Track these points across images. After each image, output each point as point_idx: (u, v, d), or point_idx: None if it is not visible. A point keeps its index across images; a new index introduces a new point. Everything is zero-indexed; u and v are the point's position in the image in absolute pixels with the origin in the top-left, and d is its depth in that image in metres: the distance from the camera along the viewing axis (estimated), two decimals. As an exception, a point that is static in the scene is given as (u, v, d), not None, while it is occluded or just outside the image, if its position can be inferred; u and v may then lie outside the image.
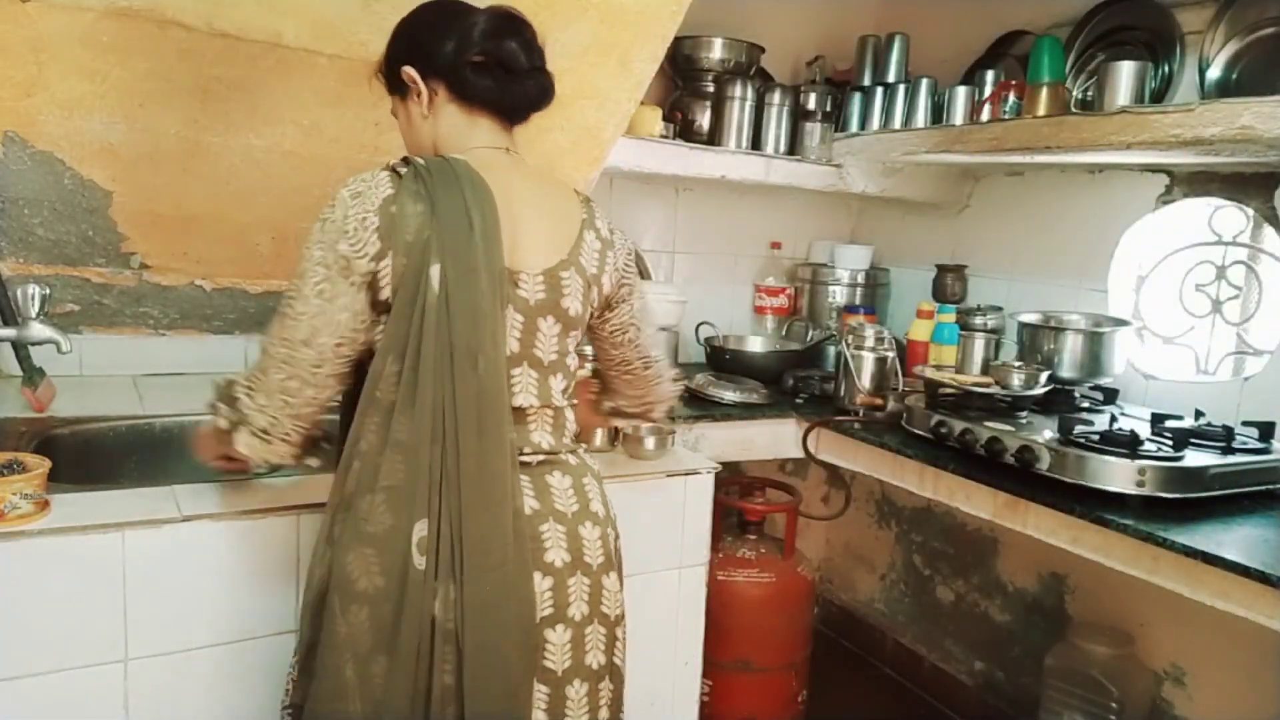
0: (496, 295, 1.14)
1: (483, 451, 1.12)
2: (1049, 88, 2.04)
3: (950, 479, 1.90)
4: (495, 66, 1.21)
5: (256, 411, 1.14)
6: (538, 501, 1.20)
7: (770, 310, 2.91)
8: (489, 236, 1.14)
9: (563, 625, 1.20)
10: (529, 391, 1.22)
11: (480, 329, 1.12)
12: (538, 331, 1.21)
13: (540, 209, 1.24)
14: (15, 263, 1.83)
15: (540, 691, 1.18)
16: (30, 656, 1.19)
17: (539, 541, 1.18)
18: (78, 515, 1.24)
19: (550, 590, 1.19)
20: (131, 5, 1.49)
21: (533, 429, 1.23)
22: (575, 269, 1.24)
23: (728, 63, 2.57)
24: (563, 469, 1.25)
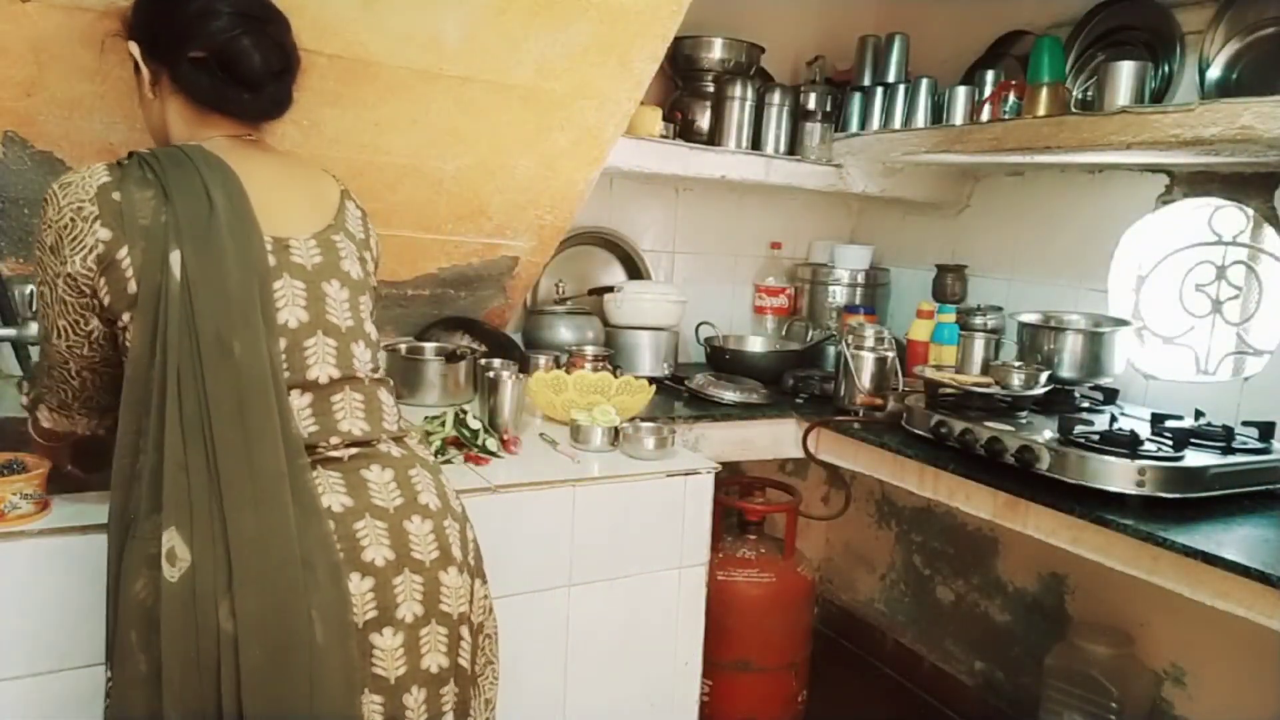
0: (251, 273, 1.07)
1: (247, 444, 1.02)
2: (1049, 88, 2.04)
3: (950, 479, 1.90)
4: (217, 67, 1.13)
5: (47, 392, 1.19)
6: (350, 498, 1.10)
7: (770, 310, 2.92)
8: (236, 212, 1.07)
9: (391, 628, 1.09)
10: (327, 361, 1.13)
11: (230, 312, 1.04)
12: (325, 297, 1.14)
13: (293, 182, 1.21)
14: (15, 263, 1.83)
15: (374, 701, 1.07)
16: (30, 656, 1.19)
17: (354, 540, 1.08)
18: (78, 515, 1.24)
19: (372, 591, 1.08)
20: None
21: (339, 414, 1.13)
22: (344, 233, 1.20)
23: (728, 63, 2.58)
24: (382, 462, 1.15)
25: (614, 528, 1.64)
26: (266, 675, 1.00)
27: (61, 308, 1.08)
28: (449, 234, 2.11)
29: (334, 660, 1.03)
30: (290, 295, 1.12)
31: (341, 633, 1.05)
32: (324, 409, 1.13)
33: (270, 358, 1.06)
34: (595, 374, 2.09)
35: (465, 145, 1.91)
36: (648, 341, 2.49)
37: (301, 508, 1.05)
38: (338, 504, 1.09)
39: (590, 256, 2.70)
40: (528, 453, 1.74)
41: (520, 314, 2.55)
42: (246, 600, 0.99)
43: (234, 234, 1.07)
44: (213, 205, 1.06)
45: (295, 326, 1.12)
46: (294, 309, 1.12)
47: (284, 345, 1.10)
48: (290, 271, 1.12)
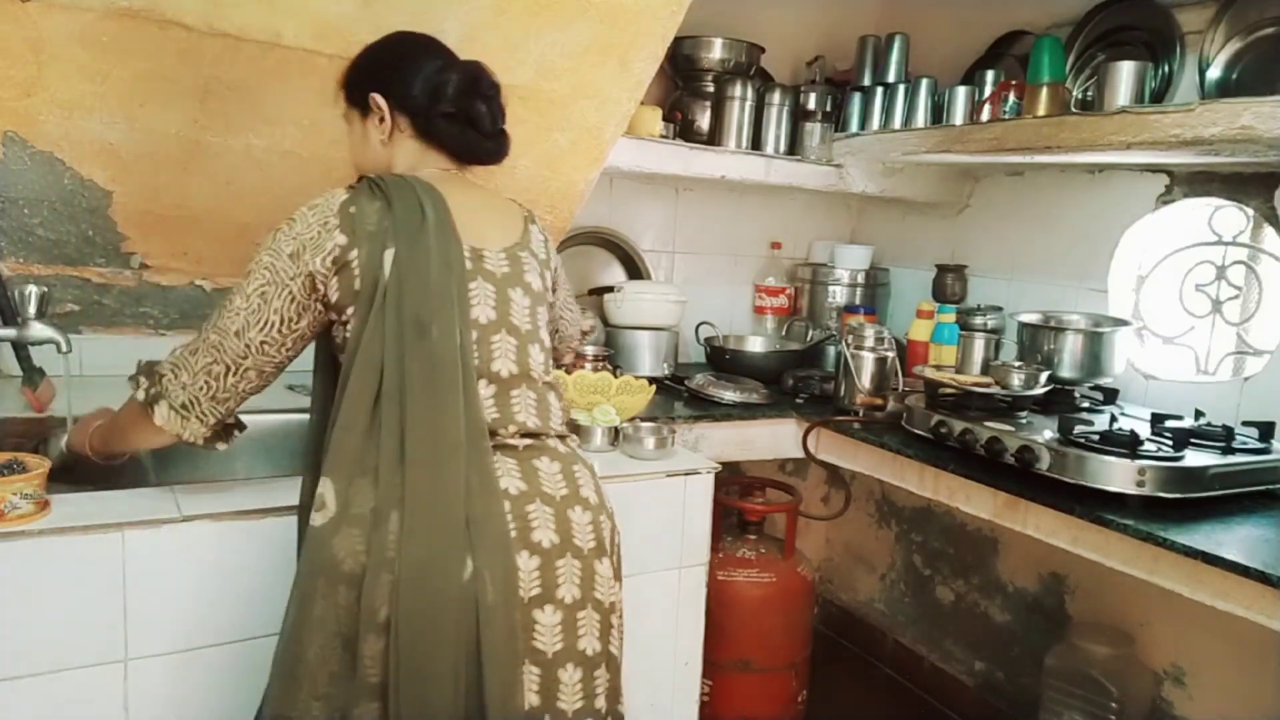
0: (451, 271, 1.22)
1: (434, 414, 1.15)
2: (1049, 88, 2.04)
3: (950, 479, 1.90)
4: (464, 122, 1.34)
5: (179, 388, 1.22)
6: (524, 483, 1.21)
7: (770, 310, 2.92)
8: (441, 222, 1.24)
9: (552, 606, 1.19)
10: (508, 357, 1.26)
11: (430, 300, 1.18)
12: (510, 301, 1.29)
13: (488, 207, 1.37)
14: (15, 263, 1.83)
15: (531, 673, 1.17)
16: (30, 656, 1.19)
17: (525, 520, 1.19)
18: (78, 515, 1.24)
19: (538, 570, 1.18)
20: (131, 5, 1.49)
21: (517, 406, 1.26)
22: (529, 251, 1.36)
23: (728, 63, 2.57)
24: (551, 455, 1.27)
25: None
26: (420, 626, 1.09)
27: (286, 303, 1.21)
28: (449, 234, 2.11)
29: (500, 621, 1.13)
30: (482, 295, 1.26)
31: (509, 598, 1.14)
32: (504, 400, 1.25)
33: (462, 344, 1.20)
34: (595, 374, 2.09)
35: (465, 145, 1.91)
36: (648, 341, 2.49)
37: (483, 482, 1.17)
38: (513, 487, 1.20)
39: (590, 256, 2.70)
40: (528, 453, 1.74)
41: (520, 314, 2.55)
42: (413, 547, 1.10)
43: (439, 238, 1.23)
44: (424, 215, 1.23)
45: (485, 322, 1.26)
46: (484, 307, 1.26)
47: (475, 337, 1.24)
48: (484, 276, 1.27)
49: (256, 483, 1.44)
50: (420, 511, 1.12)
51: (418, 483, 1.12)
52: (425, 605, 1.10)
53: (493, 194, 1.42)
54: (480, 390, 1.23)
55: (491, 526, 1.15)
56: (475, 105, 1.34)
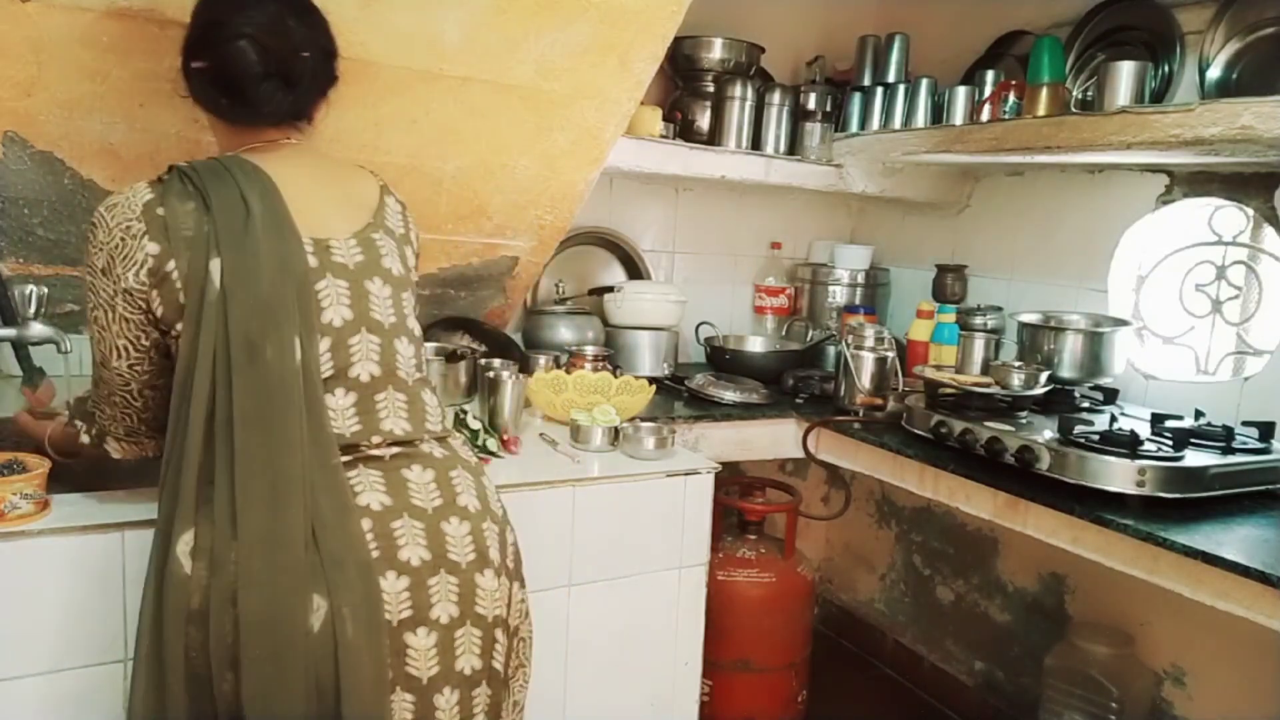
0: (289, 274, 1.09)
1: (268, 446, 1.04)
2: (1049, 88, 2.04)
3: (950, 479, 1.90)
4: (218, 77, 1.16)
5: (111, 422, 1.20)
6: (390, 497, 1.12)
7: (770, 310, 2.92)
8: (272, 216, 1.10)
9: (425, 628, 1.10)
10: (369, 359, 1.15)
11: (262, 315, 1.06)
12: (368, 295, 1.17)
13: (332, 182, 1.24)
14: (15, 263, 1.83)
15: (405, 700, 1.09)
16: (30, 656, 1.19)
17: (391, 539, 1.09)
18: (78, 515, 1.24)
19: (407, 591, 1.09)
20: (131, 5, 1.49)
21: (383, 413, 1.16)
22: (384, 230, 1.23)
23: (728, 63, 2.57)
24: (423, 462, 1.17)
25: (614, 528, 1.64)
26: (266, 673, 1.01)
27: (121, 326, 1.11)
28: (449, 234, 2.11)
29: (363, 657, 1.04)
30: (334, 294, 1.14)
31: (372, 631, 1.05)
32: (368, 407, 1.15)
33: (306, 359, 1.09)
34: (595, 374, 2.09)
35: (465, 145, 1.91)
36: (648, 341, 2.49)
37: (335, 506, 1.07)
38: (376, 502, 1.11)
39: (590, 256, 2.70)
40: (528, 453, 1.74)
41: (520, 314, 2.55)
42: (250, 599, 1.01)
43: (270, 238, 1.09)
44: (249, 211, 1.09)
45: (340, 325, 1.14)
46: (338, 308, 1.14)
47: (329, 344, 1.13)
48: (333, 271, 1.14)
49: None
50: (256, 557, 1.02)
51: (252, 526, 1.02)
52: (269, 653, 1.01)
53: (337, 163, 1.28)
54: (336, 402, 1.12)
55: (349, 556, 1.05)
56: (232, 45, 1.13)
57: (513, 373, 1.91)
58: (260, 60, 1.16)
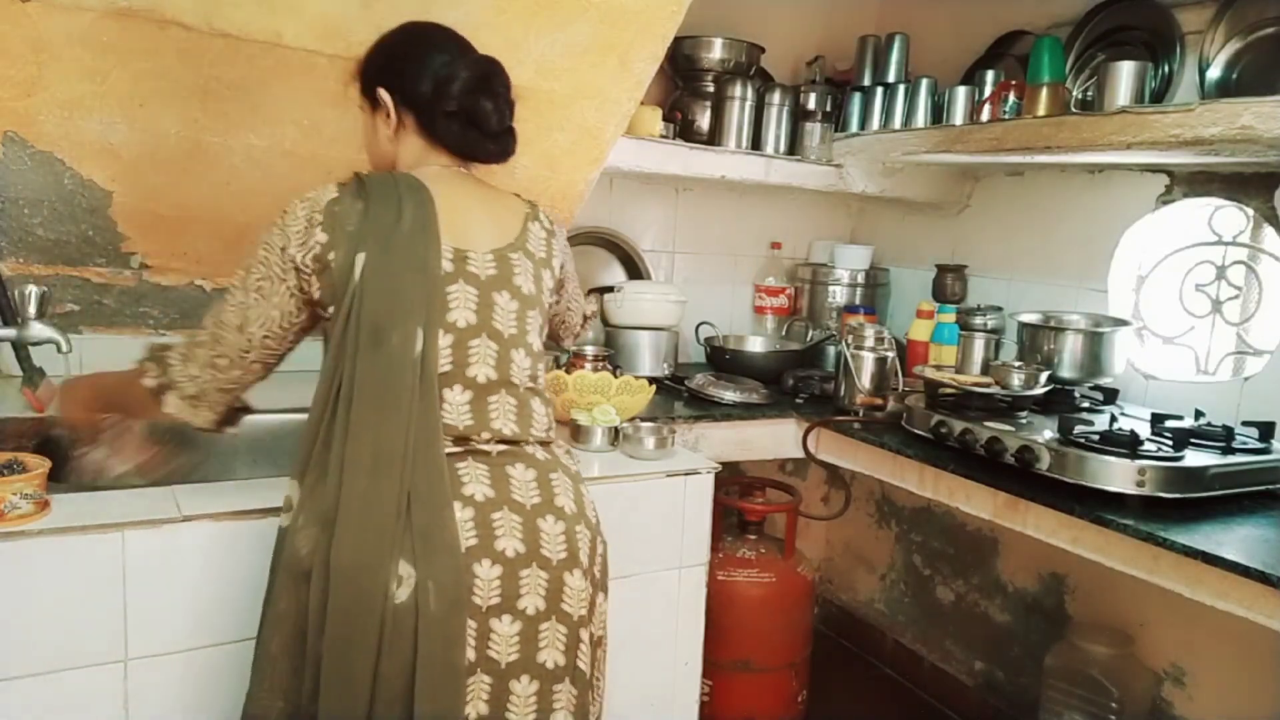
0: (425, 274, 1.20)
1: (378, 424, 1.14)
2: (1049, 88, 2.04)
3: (950, 479, 1.90)
4: (467, 121, 1.31)
5: (187, 380, 1.25)
6: (493, 489, 1.19)
7: (770, 310, 2.92)
8: (421, 222, 1.22)
9: (510, 616, 1.17)
10: (486, 362, 1.23)
11: (392, 306, 1.17)
12: (494, 305, 1.25)
13: (486, 205, 1.34)
14: (15, 263, 1.83)
15: (483, 682, 1.15)
16: (30, 656, 1.19)
17: (490, 528, 1.17)
18: (78, 515, 1.24)
19: (499, 579, 1.16)
20: (131, 5, 1.49)
21: (493, 413, 1.23)
22: (523, 252, 1.32)
23: (728, 63, 2.57)
24: (526, 462, 1.24)
25: (614, 528, 1.63)
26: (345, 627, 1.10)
27: (283, 298, 1.22)
28: (449, 234, 2.11)
29: (441, 631, 1.11)
30: (463, 299, 1.23)
31: (455, 608, 1.12)
32: (481, 406, 1.23)
33: (426, 351, 1.18)
34: (595, 374, 2.09)
35: (465, 145, 1.91)
36: (648, 341, 2.48)
37: (432, 485, 1.15)
38: (480, 493, 1.18)
39: (590, 256, 2.70)
40: (528, 453, 1.74)
41: (520, 314, 2.55)
42: (340, 555, 1.10)
43: (413, 241, 1.21)
44: (400, 215, 1.21)
45: (464, 326, 1.22)
46: (464, 311, 1.23)
47: (451, 341, 1.21)
48: (466, 279, 1.24)
49: (256, 483, 1.44)
50: (351, 520, 1.11)
51: (351, 491, 1.12)
52: (348, 612, 1.10)
53: (495, 191, 1.39)
54: (454, 396, 1.21)
55: (439, 535, 1.13)
56: (480, 103, 1.31)
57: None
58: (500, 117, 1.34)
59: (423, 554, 1.11)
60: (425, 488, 1.14)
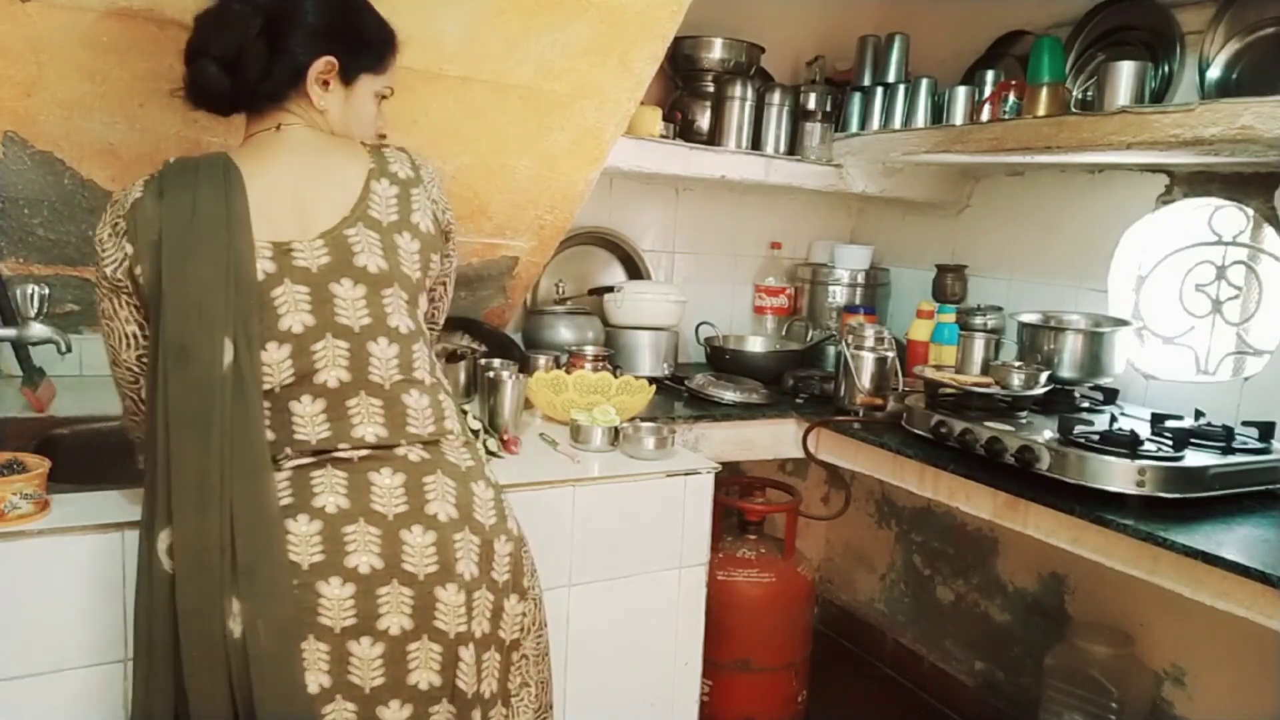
0: (234, 282, 1.07)
1: (199, 452, 1.04)
2: (1049, 88, 2.04)
3: (950, 479, 1.90)
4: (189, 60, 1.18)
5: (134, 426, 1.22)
6: (349, 500, 1.09)
7: (770, 310, 2.91)
8: (220, 219, 1.08)
9: (370, 638, 1.07)
10: (338, 364, 1.11)
11: (191, 321, 1.06)
12: (334, 299, 1.11)
13: (317, 171, 1.17)
14: (15, 263, 1.83)
15: (347, 708, 1.07)
16: (30, 656, 1.19)
17: (340, 543, 1.07)
18: (78, 515, 1.24)
19: (352, 598, 1.07)
20: (131, 5, 1.49)
21: (355, 418, 1.12)
22: (364, 223, 1.15)
23: (728, 63, 2.57)
24: (395, 466, 1.13)
25: (614, 528, 1.64)
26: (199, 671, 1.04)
27: (121, 320, 1.14)
28: (449, 234, 2.11)
29: (273, 666, 1.04)
30: (292, 300, 1.10)
31: (286, 639, 1.04)
32: (339, 413, 1.12)
33: (240, 364, 1.06)
34: (595, 374, 2.09)
35: (465, 145, 1.91)
36: (648, 341, 2.48)
37: (253, 514, 1.05)
38: (333, 505, 1.09)
39: (590, 256, 2.70)
40: (528, 453, 1.74)
41: (520, 314, 2.56)
42: (184, 599, 1.04)
43: (211, 240, 1.07)
44: (194, 213, 1.08)
45: (300, 331, 1.10)
46: (298, 314, 1.10)
47: (290, 351, 1.10)
48: (292, 276, 1.10)
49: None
50: (185, 564, 1.04)
51: (183, 529, 1.04)
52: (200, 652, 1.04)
53: (331, 147, 1.21)
54: (303, 409, 1.10)
55: (264, 564, 1.04)
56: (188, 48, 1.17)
57: (513, 373, 1.91)
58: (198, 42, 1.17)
59: (246, 586, 1.03)
60: (249, 515, 1.05)
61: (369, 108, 1.28)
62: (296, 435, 1.11)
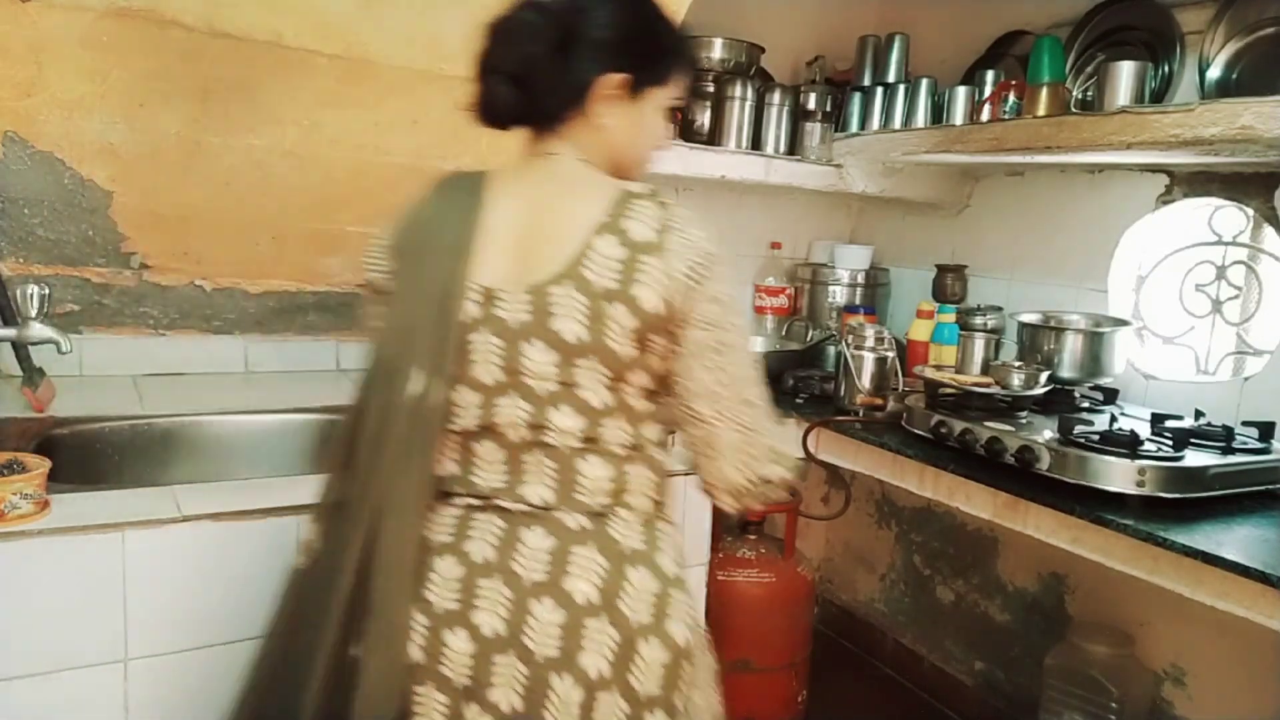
0: (440, 310, 1.03)
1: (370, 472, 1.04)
2: (1049, 88, 2.04)
3: (950, 479, 1.90)
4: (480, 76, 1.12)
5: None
6: (496, 552, 1.03)
7: (770, 310, 2.91)
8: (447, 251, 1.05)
9: (479, 707, 1.01)
10: (518, 425, 1.04)
11: (400, 346, 1.05)
12: (522, 358, 1.02)
13: (551, 212, 1.06)
14: (15, 263, 1.83)
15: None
16: (30, 656, 1.19)
17: (472, 595, 1.02)
18: (78, 515, 1.24)
19: (471, 657, 1.02)
20: (131, 5, 1.49)
21: (527, 476, 1.05)
22: (574, 283, 1.01)
23: (728, 63, 2.57)
24: (550, 527, 1.04)
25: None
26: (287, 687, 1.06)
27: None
28: (449, 234, 2.11)
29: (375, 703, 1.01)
30: (485, 350, 1.04)
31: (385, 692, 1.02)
32: (515, 467, 1.06)
33: (429, 398, 1.03)
34: (595, 374, 2.08)
35: (465, 145, 1.91)
36: (648, 341, 2.48)
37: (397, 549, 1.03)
38: (479, 554, 1.04)
39: (590, 256, 2.70)
40: (528, 453, 1.74)
41: (520, 314, 2.55)
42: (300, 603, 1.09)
43: (434, 272, 1.05)
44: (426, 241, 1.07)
45: (489, 383, 1.04)
46: (489, 365, 1.04)
47: (480, 400, 1.05)
48: (489, 325, 1.03)
49: (256, 483, 1.44)
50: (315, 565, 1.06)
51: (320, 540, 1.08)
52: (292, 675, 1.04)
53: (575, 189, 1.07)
54: (487, 452, 1.06)
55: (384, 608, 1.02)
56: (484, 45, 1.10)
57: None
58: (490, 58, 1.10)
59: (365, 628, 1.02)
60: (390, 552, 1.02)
61: (655, 123, 1.16)
62: (473, 477, 1.07)
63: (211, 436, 1.78)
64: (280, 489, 1.39)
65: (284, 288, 2.09)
